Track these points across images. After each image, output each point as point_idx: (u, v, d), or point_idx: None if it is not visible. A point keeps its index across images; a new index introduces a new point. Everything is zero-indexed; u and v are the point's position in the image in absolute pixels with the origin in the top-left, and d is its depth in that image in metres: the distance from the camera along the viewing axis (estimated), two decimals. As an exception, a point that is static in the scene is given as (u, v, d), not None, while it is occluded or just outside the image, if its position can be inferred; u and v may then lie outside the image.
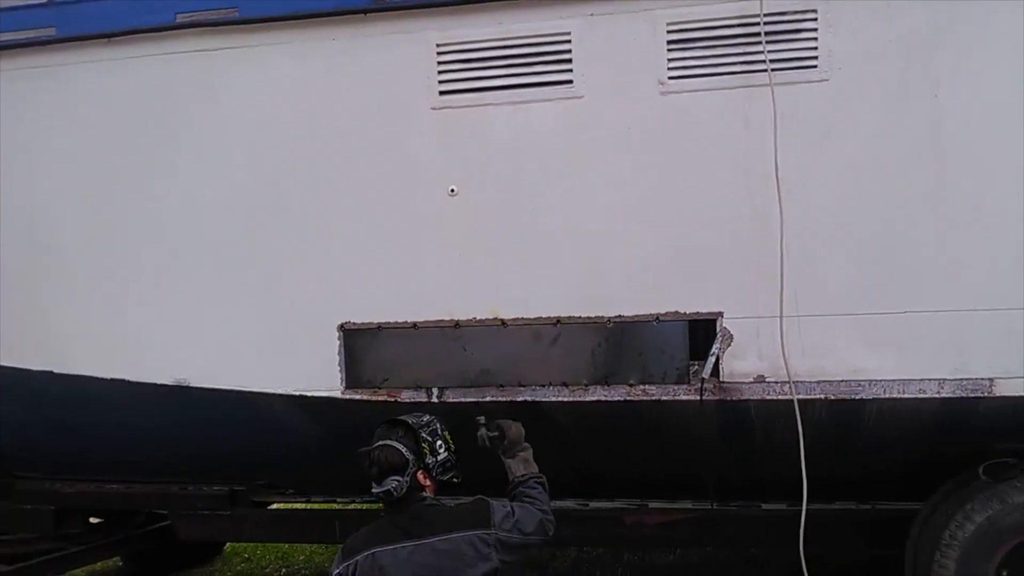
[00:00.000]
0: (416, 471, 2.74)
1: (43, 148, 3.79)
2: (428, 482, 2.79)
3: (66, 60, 3.68)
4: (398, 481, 2.67)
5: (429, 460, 2.79)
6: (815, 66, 3.15)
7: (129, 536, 5.27)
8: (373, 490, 2.72)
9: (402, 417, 2.90)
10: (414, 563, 2.58)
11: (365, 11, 3.39)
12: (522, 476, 2.99)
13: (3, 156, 3.81)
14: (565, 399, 3.41)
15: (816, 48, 3.14)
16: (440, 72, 3.38)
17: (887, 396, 3.20)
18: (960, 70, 3.08)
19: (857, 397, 3.22)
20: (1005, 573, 3.29)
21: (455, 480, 2.93)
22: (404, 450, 2.73)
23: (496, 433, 3.14)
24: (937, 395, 3.17)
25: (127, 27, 3.58)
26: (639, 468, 3.85)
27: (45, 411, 4.04)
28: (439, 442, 2.85)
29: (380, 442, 2.77)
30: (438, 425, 2.92)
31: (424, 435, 2.83)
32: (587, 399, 3.40)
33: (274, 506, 5.13)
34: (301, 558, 6.36)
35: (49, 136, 3.78)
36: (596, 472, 3.91)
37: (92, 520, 5.13)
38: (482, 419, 3.21)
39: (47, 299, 3.83)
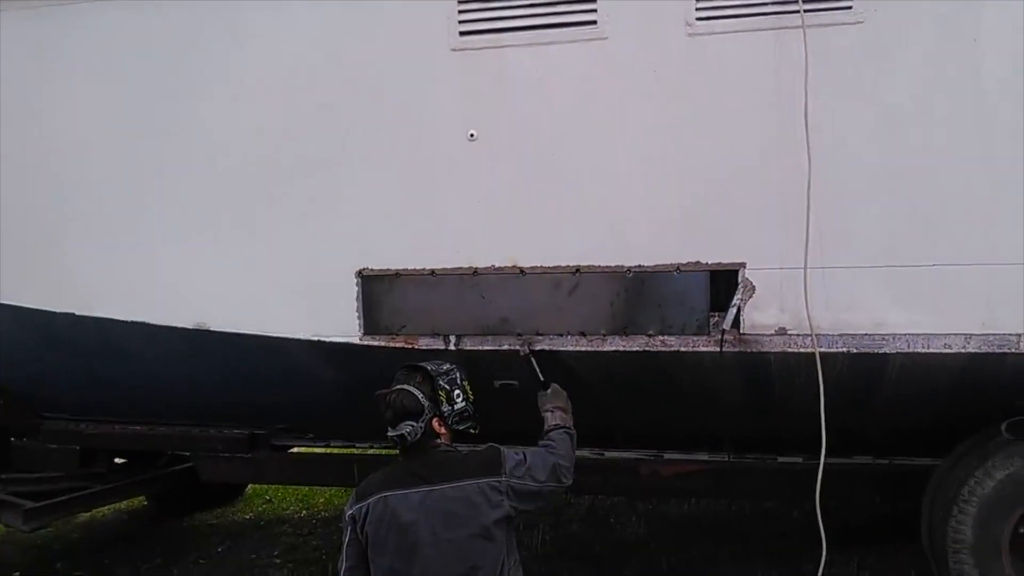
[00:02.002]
0: (431, 418, 2.74)
1: (67, 89, 3.75)
2: (443, 430, 2.79)
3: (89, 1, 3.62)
4: (412, 426, 2.68)
5: (445, 408, 2.79)
6: (850, 7, 3.03)
7: (153, 476, 5.38)
8: (388, 434, 2.73)
9: (422, 363, 2.90)
10: (425, 508, 2.59)
11: (385, -50, 3.30)
12: (552, 426, 3.01)
13: (27, 97, 3.79)
14: (583, 349, 3.39)
15: (851, -12, 3.02)
16: (460, 12, 3.28)
17: (911, 350, 3.14)
18: (1002, 12, 2.94)
19: (880, 351, 3.16)
20: (1023, 531, 3.27)
21: (472, 431, 2.94)
22: (420, 396, 2.73)
23: (514, 382, 3.14)
24: (963, 350, 3.10)
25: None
26: (656, 419, 3.84)
27: (67, 353, 4.09)
28: (456, 391, 2.85)
29: (398, 386, 2.77)
30: (458, 374, 2.92)
31: (442, 383, 2.83)
32: (605, 349, 3.37)
33: (294, 450, 5.21)
34: (321, 500, 6.49)
35: (73, 76, 3.74)
36: (613, 422, 3.91)
37: (117, 460, 5.24)
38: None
39: (69, 241, 3.84)
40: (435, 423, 2.77)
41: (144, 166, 3.71)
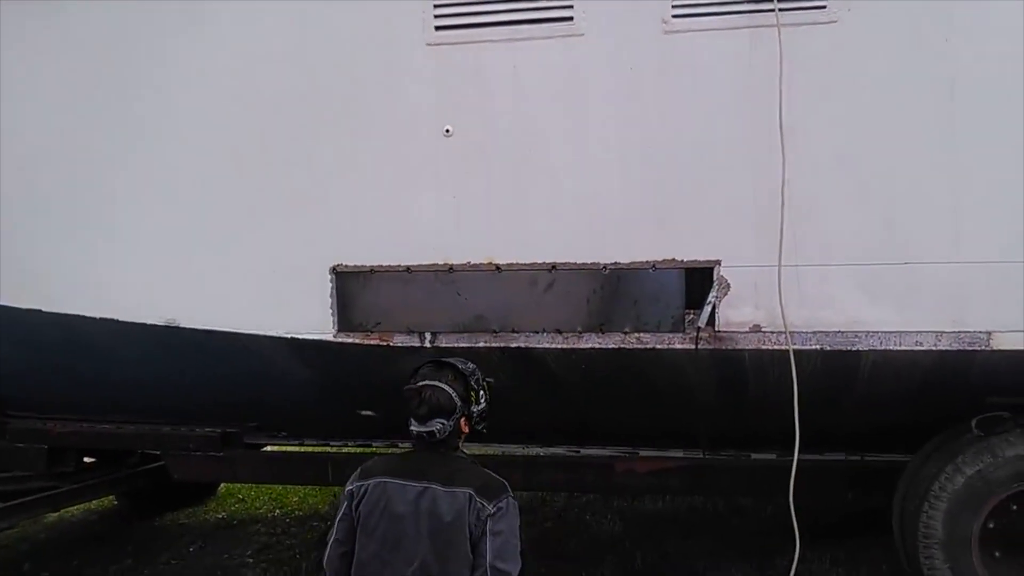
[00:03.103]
0: (460, 417, 2.71)
1: (30, 82, 3.68)
2: (467, 429, 2.75)
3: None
4: (443, 424, 2.62)
5: (474, 408, 2.76)
6: (824, 6, 3.06)
7: (123, 475, 5.30)
8: (413, 428, 2.64)
9: (449, 360, 2.85)
10: (418, 504, 2.56)
11: (360, -59, 3.26)
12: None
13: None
14: (559, 346, 3.38)
15: (825, -12, 3.04)
16: (436, 7, 3.27)
17: (884, 348, 3.17)
18: (973, 12, 2.98)
19: (853, 348, 3.20)
20: (992, 526, 3.32)
21: (484, 431, 2.91)
22: (454, 394, 2.69)
23: None
24: (934, 348, 3.14)
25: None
26: (631, 416, 3.85)
27: (35, 350, 4.01)
28: (481, 391, 2.82)
29: (430, 382, 2.71)
30: (480, 374, 2.88)
31: (472, 382, 2.79)
32: (581, 346, 3.37)
33: (267, 448, 5.16)
34: (294, 499, 6.43)
35: (36, 69, 3.67)
36: (588, 420, 3.91)
37: (86, 460, 5.15)
38: None
39: (35, 236, 3.76)
40: (463, 422, 2.73)
41: (112, 161, 3.65)
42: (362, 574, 2.56)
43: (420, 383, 2.68)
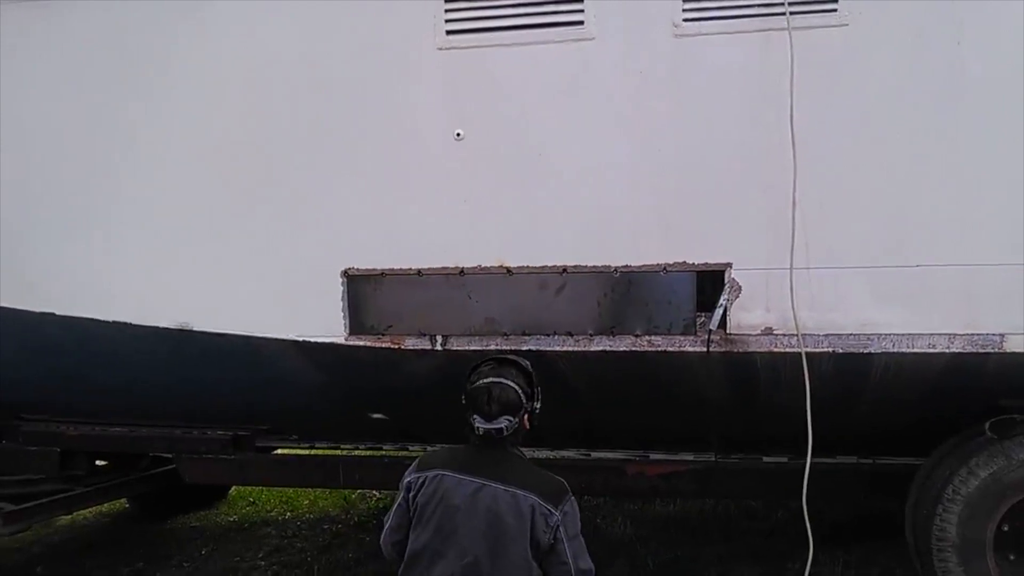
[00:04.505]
0: (525, 414, 2.69)
1: (39, 85, 3.70)
2: (527, 427, 2.70)
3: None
4: (510, 421, 2.59)
5: (537, 405, 2.74)
6: (835, 10, 3.05)
7: (135, 478, 5.30)
8: (480, 425, 2.59)
9: (510, 357, 2.82)
10: (475, 500, 2.52)
11: (371, -53, 3.28)
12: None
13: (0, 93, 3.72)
14: (570, 349, 3.39)
15: (836, -10, 3.03)
16: (447, 11, 3.28)
17: (896, 350, 3.16)
18: (985, 15, 2.97)
19: (865, 351, 3.19)
20: (1006, 529, 3.30)
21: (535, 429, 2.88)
22: (520, 391, 2.67)
23: None
24: (947, 350, 3.13)
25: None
26: (643, 419, 3.84)
27: (47, 353, 4.03)
28: (538, 388, 2.80)
29: (496, 379, 2.66)
30: (534, 372, 2.84)
31: (533, 378, 2.75)
32: (592, 349, 3.37)
33: (278, 451, 5.17)
34: (305, 502, 6.43)
35: (45, 72, 3.68)
36: (599, 423, 3.91)
37: (98, 462, 5.17)
38: None
39: (48, 240, 3.79)
40: (526, 419, 2.70)
41: (124, 164, 3.67)
42: (414, 563, 2.57)
43: (487, 380, 2.65)
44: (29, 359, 4.13)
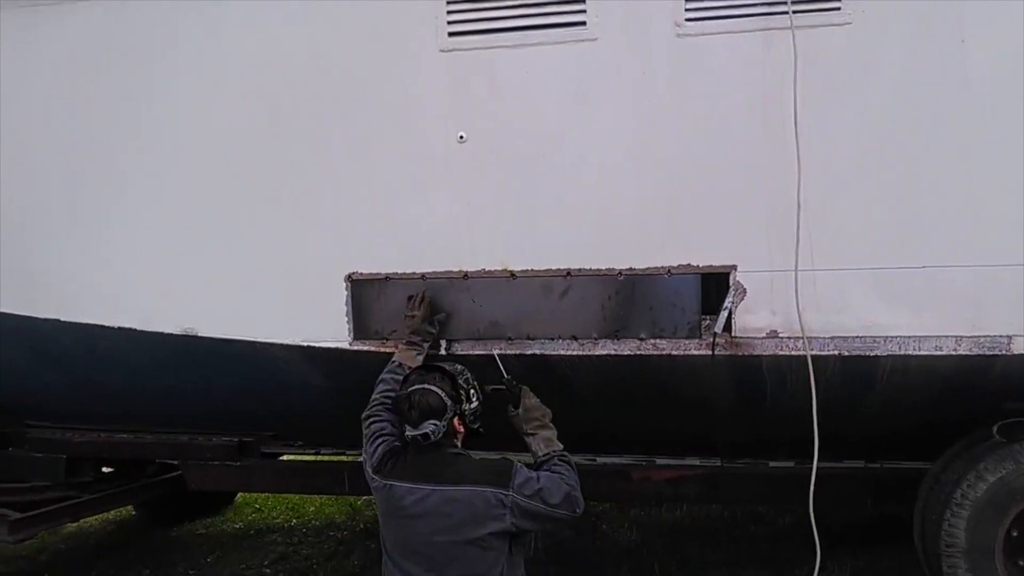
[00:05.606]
0: (452, 417, 2.74)
1: (43, 88, 3.70)
2: (462, 429, 2.81)
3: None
4: (435, 425, 2.68)
5: (465, 407, 2.81)
6: (838, 8, 3.03)
7: (141, 485, 5.31)
8: (408, 433, 2.70)
9: (436, 364, 2.91)
10: (427, 505, 2.60)
11: (374, -52, 3.27)
12: (545, 454, 2.89)
13: (2, 97, 3.73)
14: (574, 353, 3.37)
15: (840, -11, 3.02)
16: (449, 12, 3.26)
17: (902, 353, 3.13)
18: (989, 13, 2.95)
19: (872, 354, 3.15)
20: (1016, 534, 3.27)
21: (480, 430, 2.95)
22: (443, 395, 2.73)
23: (505, 388, 3.11)
24: (954, 352, 3.10)
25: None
26: (647, 423, 3.82)
27: (52, 360, 4.04)
28: (472, 390, 2.89)
29: (418, 386, 2.75)
30: (469, 374, 2.95)
31: (460, 382, 2.84)
32: (596, 353, 3.35)
33: (283, 458, 5.17)
34: (311, 509, 6.43)
35: (49, 75, 3.69)
36: (604, 427, 3.89)
37: (104, 469, 5.18)
38: (506, 378, 3.18)
39: (52, 245, 3.79)
40: (456, 422, 2.77)
41: (127, 167, 3.66)
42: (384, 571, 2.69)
43: (409, 388, 2.74)
44: (35, 365, 4.14)
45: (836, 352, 3.17)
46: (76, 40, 3.64)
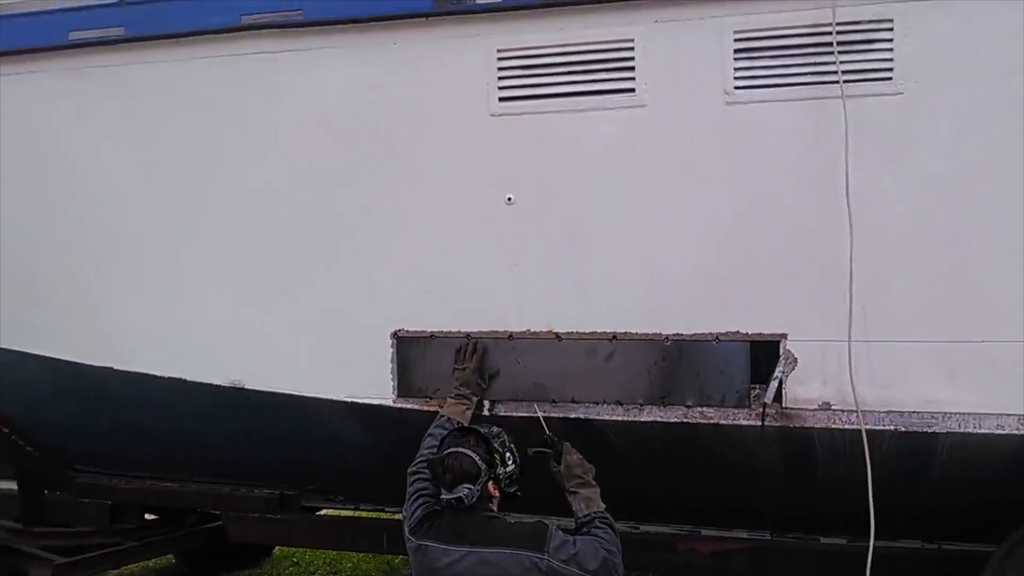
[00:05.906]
0: (487, 481, 2.72)
1: (106, 147, 3.85)
2: (497, 493, 2.79)
3: (132, 60, 3.73)
4: (469, 489, 2.66)
5: (500, 471, 2.79)
6: (890, 78, 3.00)
7: (183, 534, 5.33)
8: (443, 496, 2.69)
9: (473, 426, 2.90)
10: (461, 568, 2.57)
11: (427, 15, 3.35)
12: (585, 515, 2.85)
13: (66, 154, 3.90)
14: (619, 418, 3.31)
15: (891, 59, 2.98)
16: (500, 78, 3.32)
17: (962, 430, 3.01)
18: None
19: (930, 430, 3.04)
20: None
21: (518, 494, 2.92)
22: (477, 458, 2.72)
23: (548, 450, 3.08)
24: (1017, 431, 2.97)
25: (193, 28, 3.61)
26: (694, 493, 3.72)
27: (104, 407, 4.13)
28: (508, 454, 2.88)
29: (453, 449, 2.74)
30: (506, 437, 2.95)
31: (495, 445, 2.82)
32: (642, 419, 3.29)
33: (323, 512, 5.15)
34: (348, 565, 6.37)
35: (112, 135, 3.84)
36: (648, 495, 3.79)
37: (147, 516, 5.22)
38: (548, 434, 3.16)
39: (108, 296, 3.91)
40: (490, 486, 2.75)
41: (181, 223, 3.78)
42: None
43: (445, 452, 2.72)
44: (87, 412, 4.23)
45: (892, 427, 3.06)
46: (135, 98, 3.79)
